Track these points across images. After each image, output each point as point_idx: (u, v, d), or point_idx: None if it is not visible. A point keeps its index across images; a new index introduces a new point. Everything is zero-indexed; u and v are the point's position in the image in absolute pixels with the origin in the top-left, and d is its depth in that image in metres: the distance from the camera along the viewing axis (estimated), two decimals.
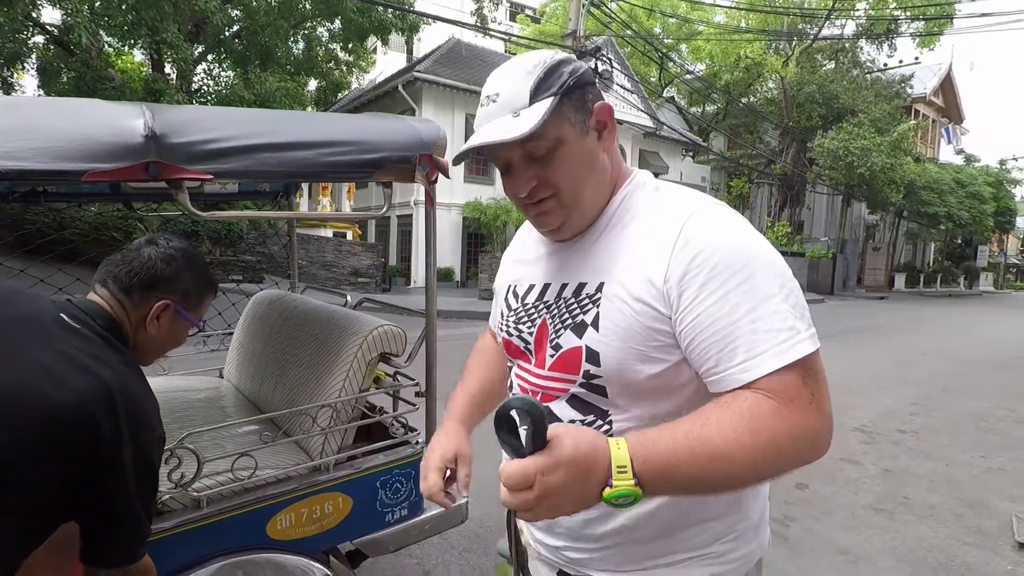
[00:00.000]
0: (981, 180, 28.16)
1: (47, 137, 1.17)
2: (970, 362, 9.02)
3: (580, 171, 0.89)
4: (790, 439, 0.74)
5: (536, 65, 0.86)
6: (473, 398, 1.16)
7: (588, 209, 0.92)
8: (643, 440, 0.72)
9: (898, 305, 20.31)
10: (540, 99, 0.84)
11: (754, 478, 0.77)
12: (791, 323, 0.77)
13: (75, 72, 14.51)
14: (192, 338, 2.89)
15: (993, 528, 3.37)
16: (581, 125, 0.88)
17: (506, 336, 1.04)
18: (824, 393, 0.78)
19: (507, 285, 1.09)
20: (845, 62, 25.10)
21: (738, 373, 0.77)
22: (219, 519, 1.47)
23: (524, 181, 0.89)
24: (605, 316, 0.86)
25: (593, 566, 0.96)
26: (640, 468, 0.70)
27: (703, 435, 0.72)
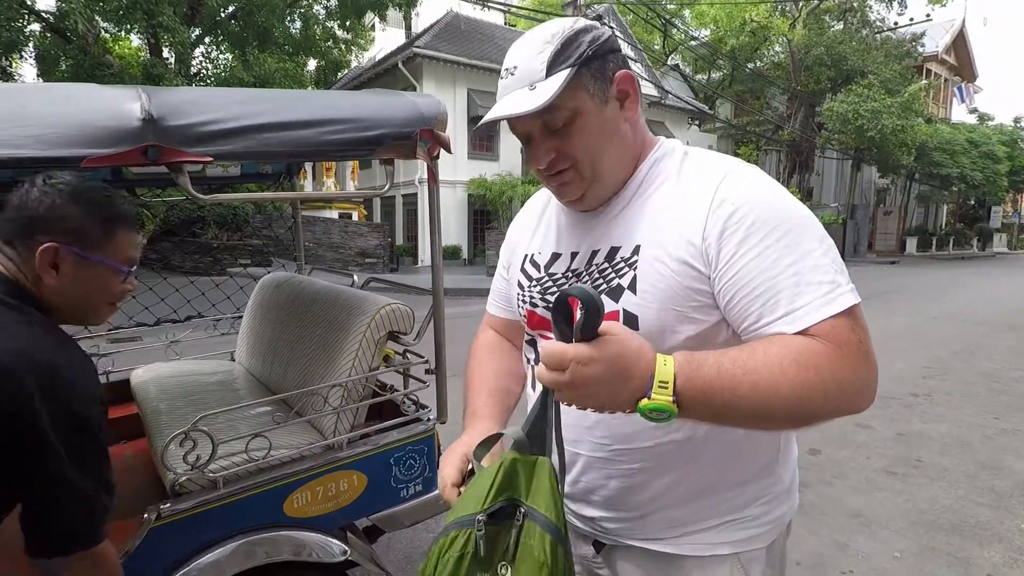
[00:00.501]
0: (995, 139, 27.56)
1: (43, 123, 1.16)
2: (982, 324, 8.95)
3: (599, 142, 0.88)
4: (837, 381, 0.73)
5: (554, 35, 0.85)
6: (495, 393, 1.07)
7: (609, 179, 0.92)
8: (689, 359, 0.73)
9: (910, 269, 20.12)
10: (557, 71, 0.83)
11: (793, 417, 0.76)
12: (832, 276, 0.77)
13: (73, 59, 14.45)
14: (202, 322, 2.94)
15: (1006, 488, 3.37)
16: (600, 95, 0.87)
17: (529, 307, 1.02)
18: (871, 344, 0.77)
19: (523, 255, 1.07)
20: (854, 22, 24.45)
21: (782, 325, 0.77)
22: (236, 499, 1.49)
23: (543, 153, 0.89)
24: (643, 278, 0.86)
25: (630, 535, 0.96)
26: (681, 387, 0.70)
27: (749, 364, 0.73)
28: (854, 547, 2.76)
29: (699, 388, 0.71)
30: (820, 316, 0.75)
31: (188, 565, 1.41)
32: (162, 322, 2.90)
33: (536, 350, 1.03)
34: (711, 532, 0.92)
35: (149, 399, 2.13)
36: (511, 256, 1.13)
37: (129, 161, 1.23)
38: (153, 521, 1.37)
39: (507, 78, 0.87)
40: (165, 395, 2.15)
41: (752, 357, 0.73)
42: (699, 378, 0.71)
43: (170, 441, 1.43)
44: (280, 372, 2.20)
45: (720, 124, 26.81)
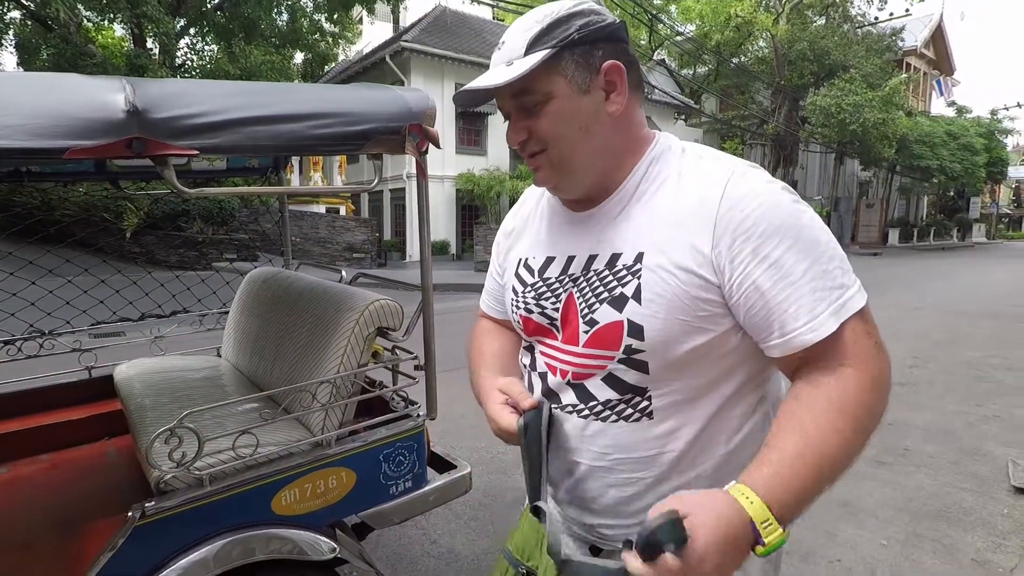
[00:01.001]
0: (973, 131, 27.98)
1: (24, 114, 1.13)
2: (963, 313, 9.10)
3: (570, 131, 0.85)
4: (875, 392, 0.78)
5: (547, 15, 0.83)
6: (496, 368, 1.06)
7: (582, 172, 0.88)
8: (769, 483, 0.72)
9: (892, 260, 20.39)
10: (535, 51, 0.81)
11: (864, 446, 0.79)
12: (841, 280, 0.79)
13: (54, 48, 14.16)
14: (188, 317, 2.91)
15: (989, 474, 3.44)
16: (580, 83, 0.84)
17: (524, 313, 0.99)
18: (881, 338, 0.81)
19: (517, 259, 1.04)
20: (835, 17, 24.65)
21: (805, 334, 0.78)
22: (223, 497, 1.47)
23: (514, 132, 0.89)
24: (648, 288, 0.83)
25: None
26: (780, 513, 0.71)
27: (818, 449, 0.74)
28: (842, 536, 2.79)
29: (794, 502, 0.72)
30: (837, 323, 0.77)
31: (174, 564, 1.39)
32: (146, 317, 2.85)
33: (533, 356, 1.00)
34: None
35: (133, 395, 2.10)
36: (504, 260, 1.10)
37: (113, 154, 1.21)
38: (138, 519, 1.35)
39: (497, 52, 0.87)
40: (150, 391, 2.12)
41: (811, 440, 0.74)
42: (789, 496, 0.72)
43: (155, 438, 1.41)
44: (267, 368, 2.18)
45: (706, 118, 26.91)
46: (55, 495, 1.99)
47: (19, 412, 2.30)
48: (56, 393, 2.41)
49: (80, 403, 2.42)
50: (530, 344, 1.01)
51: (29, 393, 2.36)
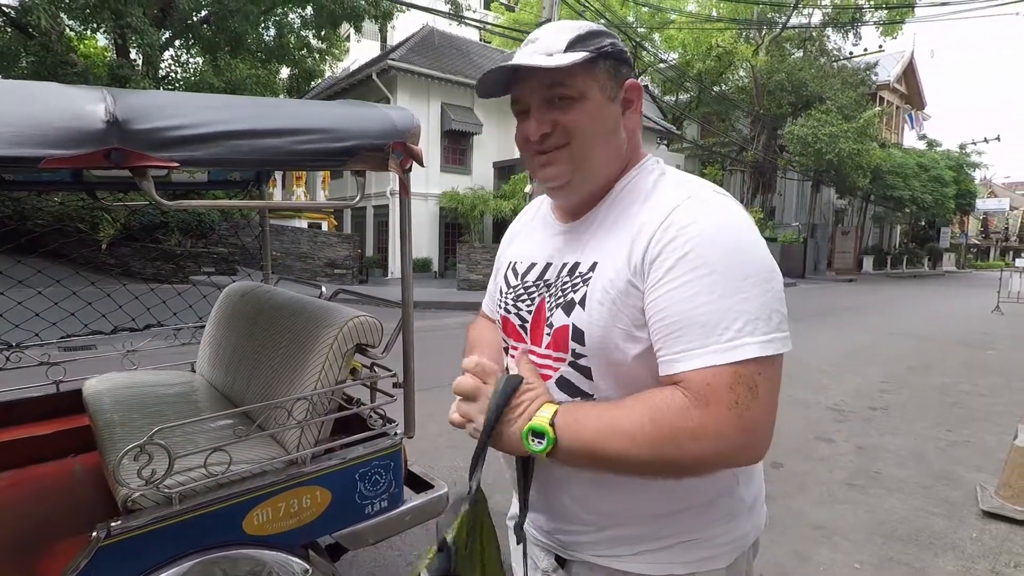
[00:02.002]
0: (943, 164, 28.91)
1: (1, 121, 1.11)
2: (934, 340, 9.30)
3: (596, 131, 0.89)
4: (694, 439, 0.75)
5: (581, 27, 0.89)
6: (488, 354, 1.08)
7: (595, 173, 0.92)
8: (574, 404, 0.86)
9: (866, 287, 20.81)
10: (576, 50, 0.86)
11: (658, 465, 0.79)
12: (741, 324, 0.76)
13: (34, 56, 13.97)
14: (162, 331, 2.85)
15: (959, 498, 3.49)
16: (609, 91, 0.90)
17: (504, 314, 1.03)
18: (754, 405, 0.75)
19: (508, 262, 1.08)
20: (813, 50, 25.43)
21: (672, 361, 0.79)
22: (193, 516, 1.43)
23: (538, 124, 0.90)
24: (591, 295, 0.87)
25: (586, 550, 0.96)
26: (560, 417, 0.82)
27: (614, 412, 0.80)
28: (816, 559, 2.80)
29: (571, 419, 0.81)
30: (705, 363, 0.75)
31: None
32: (119, 330, 2.79)
33: (506, 360, 1.04)
34: (666, 552, 0.91)
35: (102, 410, 2.04)
36: (499, 261, 1.14)
37: (90, 163, 1.19)
38: (103, 539, 1.31)
39: (525, 47, 0.89)
40: (120, 406, 2.07)
41: (618, 408, 0.81)
42: (570, 412, 0.82)
43: (124, 454, 1.37)
44: (243, 384, 2.14)
45: (687, 144, 27.41)
46: (16, 514, 1.92)
47: None
48: (22, 408, 2.33)
49: (47, 418, 2.35)
50: (505, 347, 1.05)
51: None
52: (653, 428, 0.76)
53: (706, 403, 0.74)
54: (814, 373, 6.64)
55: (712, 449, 0.75)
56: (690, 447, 0.75)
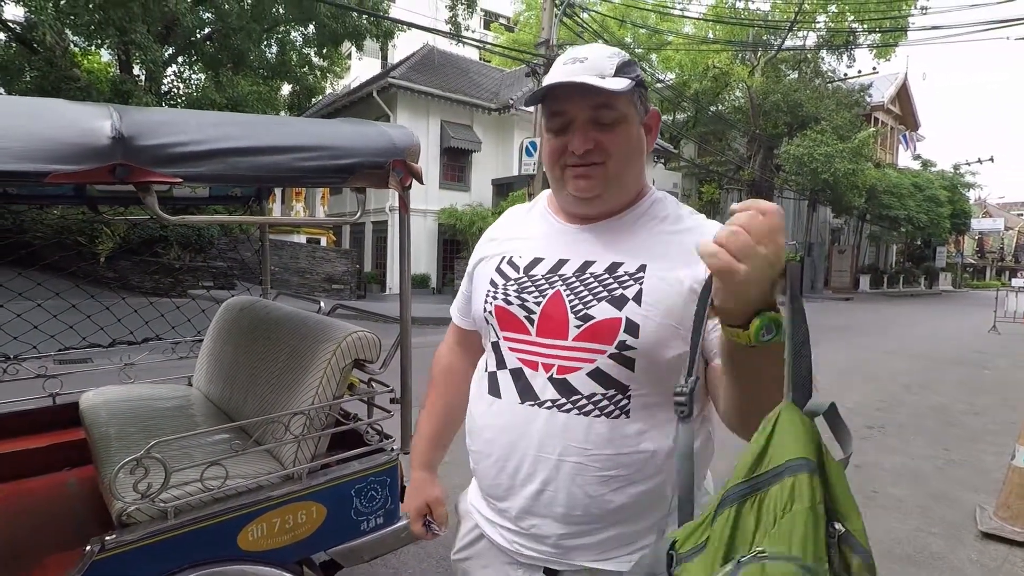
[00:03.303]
0: (937, 184, 29.18)
1: (9, 137, 1.13)
2: (931, 359, 9.30)
3: (631, 151, 0.98)
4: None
5: (620, 54, 0.97)
6: (431, 441, 1.26)
7: (623, 190, 1.01)
8: None
9: (863, 305, 20.85)
10: (622, 76, 0.94)
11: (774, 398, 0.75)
12: None
13: (38, 71, 14.09)
14: (160, 345, 2.85)
15: (958, 519, 3.47)
16: (640, 115, 1.00)
17: (501, 304, 1.03)
18: None
19: (500, 255, 1.08)
20: (808, 72, 25.74)
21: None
22: (187, 530, 1.43)
23: (583, 140, 0.95)
24: (649, 292, 0.93)
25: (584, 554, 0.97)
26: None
27: None
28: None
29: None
30: None
31: None
32: (117, 343, 2.79)
33: (499, 354, 1.03)
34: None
35: (99, 424, 2.04)
36: (481, 260, 1.13)
37: (96, 179, 1.21)
38: (96, 553, 1.30)
39: (574, 64, 0.94)
40: (116, 420, 2.07)
41: None
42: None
43: (120, 468, 1.37)
44: (240, 399, 2.14)
45: (684, 163, 27.61)
46: (10, 527, 1.91)
47: None
48: (18, 420, 2.33)
49: (42, 431, 2.34)
50: (496, 342, 1.04)
51: None
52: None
53: None
54: None
55: None
56: None
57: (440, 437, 1.27)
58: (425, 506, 1.23)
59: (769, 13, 24.62)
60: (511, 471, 0.99)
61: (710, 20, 24.74)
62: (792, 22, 21.96)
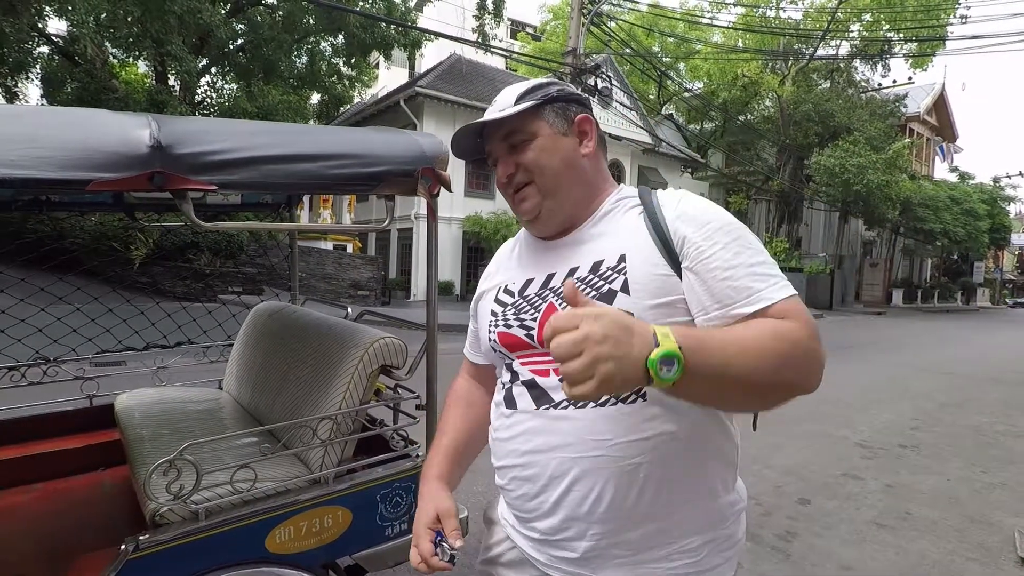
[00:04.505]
0: (975, 197, 28.36)
1: (53, 146, 1.17)
2: (968, 377, 9.01)
3: (552, 161, 1.02)
4: (804, 352, 0.82)
5: (531, 83, 1.08)
6: (447, 454, 1.18)
7: (563, 199, 1.04)
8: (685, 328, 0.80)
9: (896, 320, 20.32)
10: (522, 102, 1.03)
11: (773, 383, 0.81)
12: (774, 272, 0.90)
13: (79, 82, 14.63)
14: (191, 349, 2.92)
15: (996, 544, 3.34)
16: (559, 128, 1.04)
17: (503, 329, 1.05)
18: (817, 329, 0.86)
19: (496, 287, 1.14)
20: (840, 81, 25.34)
21: (743, 306, 0.87)
22: (218, 532, 1.45)
23: (504, 167, 1.05)
24: (634, 280, 0.94)
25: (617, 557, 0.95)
26: (682, 340, 0.72)
27: (734, 332, 0.82)
28: None
29: (695, 340, 0.74)
30: (780, 295, 0.86)
31: None
32: (151, 347, 2.87)
33: (512, 371, 1.05)
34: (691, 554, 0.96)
35: (133, 425, 2.09)
36: (480, 297, 1.20)
37: (135, 186, 1.25)
38: (131, 553, 1.33)
39: (489, 109, 1.07)
40: (149, 422, 2.12)
41: (736, 330, 0.83)
42: (693, 333, 0.77)
43: (154, 469, 1.40)
44: (268, 402, 2.17)
45: (712, 173, 27.36)
46: (48, 526, 1.96)
47: (18, 439, 2.29)
48: (56, 421, 2.40)
49: (79, 431, 2.41)
50: (508, 363, 1.07)
51: (29, 420, 2.35)
52: (776, 343, 0.80)
53: (804, 322, 0.84)
54: (841, 407, 6.47)
55: (813, 360, 0.83)
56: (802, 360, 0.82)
57: (457, 452, 1.18)
58: (435, 517, 1.05)
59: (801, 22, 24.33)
60: (536, 479, 0.98)
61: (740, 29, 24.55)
62: (825, 31, 21.64)
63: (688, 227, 0.94)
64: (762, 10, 24.38)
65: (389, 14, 16.36)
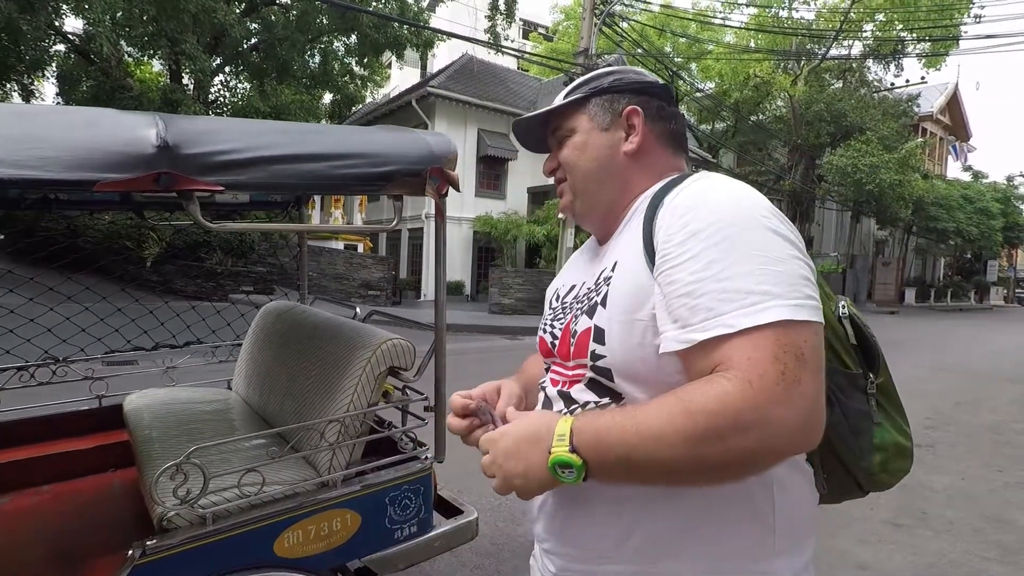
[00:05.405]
0: (989, 196, 28.00)
1: (59, 146, 1.16)
2: (983, 376, 8.89)
3: (584, 161, 0.97)
4: (738, 427, 0.65)
5: (591, 74, 1.01)
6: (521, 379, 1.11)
7: (593, 199, 0.98)
8: (590, 413, 0.78)
9: (909, 319, 20.09)
10: (573, 94, 0.98)
11: (701, 467, 0.68)
12: (767, 287, 0.69)
13: (94, 81, 14.79)
14: (201, 348, 2.92)
15: (1013, 543, 3.28)
16: (601, 122, 0.96)
17: (541, 334, 1.04)
18: (805, 377, 0.66)
19: (556, 288, 1.09)
20: (853, 81, 25.07)
21: (695, 332, 0.71)
22: (225, 536, 1.44)
23: (548, 162, 1.04)
24: (613, 290, 0.85)
25: None
26: (578, 438, 0.72)
27: (640, 412, 0.71)
28: None
29: (591, 435, 0.72)
30: (749, 321, 0.68)
31: None
32: (160, 347, 2.86)
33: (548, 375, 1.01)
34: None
35: (142, 426, 2.09)
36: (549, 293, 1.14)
37: (141, 187, 1.23)
38: (138, 558, 1.32)
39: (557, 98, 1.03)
40: (158, 423, 2.11)
41: (647, 406, 0.72)
42: (590, 426, 0.73)
43: (161, 473, 1.39)
44: (277, 404, 2.16)
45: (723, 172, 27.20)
46: (57, 527, 1.96)
47: (27, 440, 2.29)
48: (65, 421, 2.40)
49: (89, 432, 2.41)
50: (547, 366, 1.03)
51: (38, 420, 2.35)
52: (685, 421, 0.66)
53: (749, 380, 0.65)
54: None
55: (760, 435, 0.65)
56: (735, 439, 0.65)
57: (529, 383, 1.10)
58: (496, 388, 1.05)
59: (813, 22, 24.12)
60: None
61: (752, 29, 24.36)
62: (837, 31, 21.42)
63: (665, 227, 0.80)
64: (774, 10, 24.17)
65: (402, 14, 16.39)
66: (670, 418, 0.67)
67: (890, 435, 0.92)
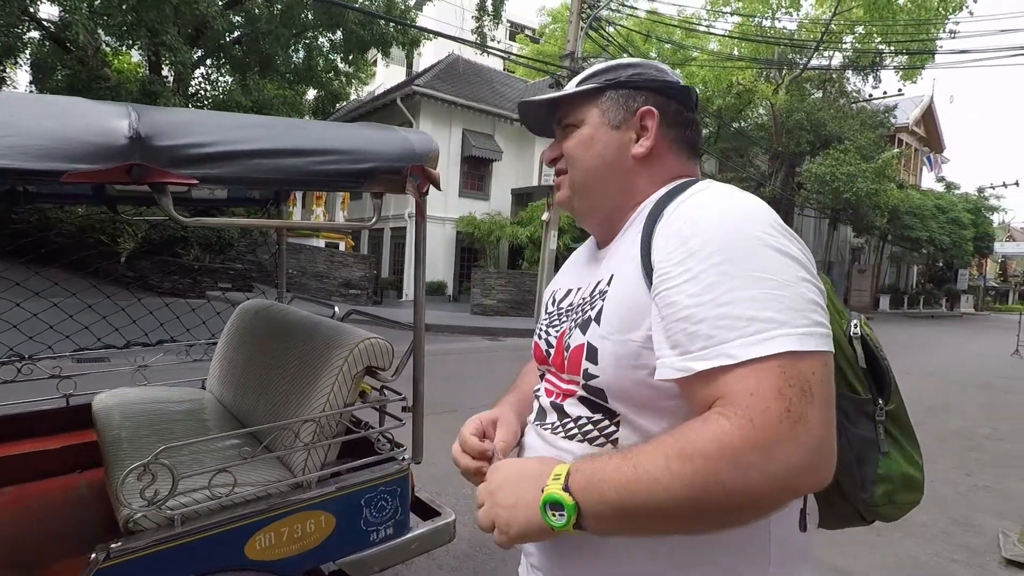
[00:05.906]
0: (960, 207, 28.78)
1: (27, 135, 1.12)
2: (953, 382, 9.10)
3: (589, 157, 0.90)
4: (739, 470, 0.60)
5: (609, 63, 0.93)
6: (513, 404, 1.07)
7: (593, 198, 0.92)
8: (588, 456, 0.73)
9: (883, 326, 20.47)
10: (582, 85, 0.92)
11: (700, 514, 0.64)
12: (771, 314, 0.64)
13: (70, 70, 14.43)
14: (174, 347, 2.85)
15: (980, 545, 3.36)
16: (612, 119, 0.90)
17: (536, 340, 1.00)
18: (811, 413, 0.61)
19: (552, 292, 1.05)
20: (832, 91, 25.55)
21: (693, 360, 0.66)
22: (194, 539, 1.40)
23: (550, 150, 0.97)
24: (608, 306, 0.80)
25: None
26: (572, 478, 0.69)
27: (636, 454, 0.66)
28: None
29: (586, 476, 0.68)
30: (753, 353, 0.63)
31: None
32: (132, 345, 2.79)
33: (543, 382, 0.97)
34: None
35: (111, 426, 2.03)
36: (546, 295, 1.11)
37: (111, 179, 1.20)
38: (101, 562, 1.28)
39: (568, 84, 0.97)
40: (128, 422, 2.06)
41: (643, 448, 0.67)
42: (586, 467, 0.69)
43: (127, 473, 1.35)
44: (251, 403, 2.12)
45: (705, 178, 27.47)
46: (19, 530, 1.89)
47: None
48: (31, 421, 2.33)
49: (55, 432, 2.34)
50: (541, 373, 1.00)
51: (2, 420, 2.28)
52: (683, 465, 0.62)
53: (750, 418, 0.60)
54: None
55: (763, 477, 0.60)
56: (735, 481, 0.60)
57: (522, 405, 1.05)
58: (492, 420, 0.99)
59: (796, 32, 24.53)
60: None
61: (736, 37, 24.66)
62: (819, 42, 21.81)
63: (663, 242, 0.74)
64: (758, 19, 24.51)
65: (388, 12, 16.27)
66: (666, 460, 0.63)
67: (898, 465, 0.86)
